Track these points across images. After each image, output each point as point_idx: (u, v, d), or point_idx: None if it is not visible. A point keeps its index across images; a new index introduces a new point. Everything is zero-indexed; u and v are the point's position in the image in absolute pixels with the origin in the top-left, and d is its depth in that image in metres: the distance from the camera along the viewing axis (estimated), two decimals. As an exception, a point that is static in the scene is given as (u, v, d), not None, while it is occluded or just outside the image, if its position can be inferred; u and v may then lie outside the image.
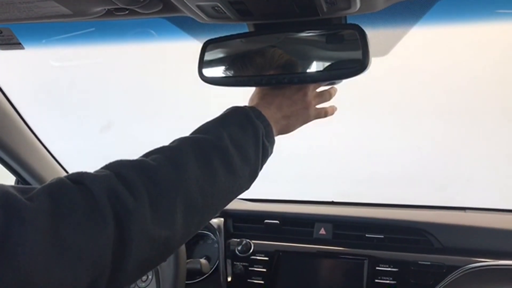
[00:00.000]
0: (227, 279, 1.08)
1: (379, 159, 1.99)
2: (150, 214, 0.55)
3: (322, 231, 1.08)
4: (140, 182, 0.56)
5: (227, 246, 1.12)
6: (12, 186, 0.49)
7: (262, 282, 1.05)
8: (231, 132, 0.67)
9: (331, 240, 1.07)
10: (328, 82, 0.77)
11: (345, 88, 0.82)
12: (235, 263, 1.09)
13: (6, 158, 1.33)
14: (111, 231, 0.51)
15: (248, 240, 1.11)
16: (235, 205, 1.27)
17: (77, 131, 2.50)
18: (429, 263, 0.97)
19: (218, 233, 1.14)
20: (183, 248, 1.03)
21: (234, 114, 0.71)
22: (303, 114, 0.80)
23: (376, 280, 0.98)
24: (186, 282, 1.02)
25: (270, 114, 0.74)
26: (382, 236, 1.04)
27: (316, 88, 0.81)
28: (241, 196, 1.41)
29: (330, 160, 2.08)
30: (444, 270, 0.95)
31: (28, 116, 1.39)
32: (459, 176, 1.83)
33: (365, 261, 1.01)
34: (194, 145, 0.63)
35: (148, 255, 0.54)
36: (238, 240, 1.12)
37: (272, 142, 0.73)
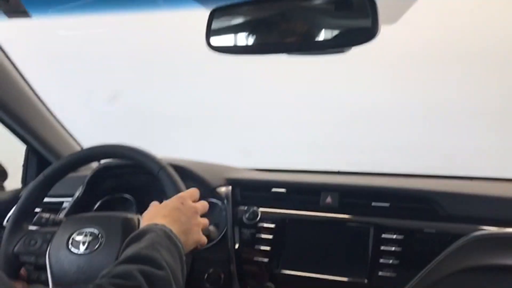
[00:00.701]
0: (234, 246, 1.10)
1: (385, 128, 1.99)
2: None
3: (329, 200, 1.09)
4: None
5: (234, 213, 1.14)
6: None
7: (268, 248, 1.07)
8: (169, 263, 0.71)
9: (338, 208, 1.08)
10: (336, 50, 0.76)
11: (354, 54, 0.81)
12: (242, 230, 1.11)
13: (17, 128, 1.35)
14: None
15: (255, 208, 1.12)
16: (242, 174, 1.28)
17: (85, 101, 2.51)
18: (434, 231, 0.98)
19: (226, 201, 1.15)
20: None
21: (160, 236, 0.76)
22: (197, 233, 0.87)
23: (382, 248, 0.99)
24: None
25: (176, 231, 0.80)
26: (388, 205, 1.05)
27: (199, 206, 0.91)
28: (248, 165, 1.43)
29: (337, 129, 2.08)
30: (449, 238, 0.96)
31: (37, 86, 1.40)
32: (467, 145, 1.83)
33: (371, 228, 1.02)
34: (149, 281, 0.65)
35: None
36: (246, 208, 1.13)
37: (184, 259, 0.78)
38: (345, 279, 1.00)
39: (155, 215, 0.85)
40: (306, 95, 2.21)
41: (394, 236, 0.99)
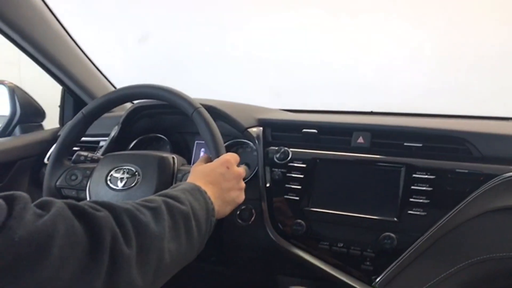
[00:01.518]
0: (266, 184, 1.12)
1: (421, 68, 1.94)
2: (135, 264, 0.58)
3: (360, 140, 1.09)
4: (133, 232, 0.59)
5: (265, 153, 1.15)
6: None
7: (299, 187, 1.09)
8: (193, 204, 0.74)
9: (369, 148, 1.08)
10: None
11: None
12: (273, 169, 1.13)
13: (55, 69, 1.38)
14: (103, 273, 0.53)
15: (286, 148, 1.13)
16: (273, 114, 1.28)
17: (118, 43, 2.52)
18: (466, 171, 0.97)
19: (257, 141, 1.17)
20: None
21: (192, 188, 0.79)
22: (237, 198, 0.90)
23: (412, 187, 1.00)
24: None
25: (211, 193, 0.82)
26: (421, 145, 1.04)
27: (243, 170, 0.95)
28: (279, 106, 1.43)
29: (370, 70, 2.04)
30: (481, 178, 0.96)
31: (70, 28, 1.42)
32: (505, 86, 1.77)
33: (402, 168, 1.02)
34: (169, 209, 0.69)
35: None
36: (277, 148, 1.14)
37: (214, 222, 0.81)
38: (374, 217, 1.01)
39: (198, 177, 0.88)
40: (336, 38, 2.16)
41: (426, 176, 0.99)
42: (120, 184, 1.01)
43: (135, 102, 1.32)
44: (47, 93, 1.52)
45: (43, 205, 0.53)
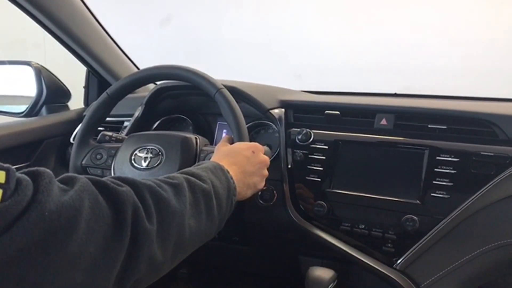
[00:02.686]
0: (287, 166, 1.12)
1: (445, 49, 1.90)
2: (156, 239, 0.59)
3: (384, 122, 1.08)
4: (154, 208, 0.60)
5: (287, 135, 1.15)
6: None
7: (321, 168, 1.09)
8: (214, 183, 0.75)
9: (392, 130, 1.07)
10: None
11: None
12: (295, 151, 1.13)
13: (80, 50, 1.40)
14: (125, 247, 0.54)
15: (308, 130, 1.13)
16: (296, 96, 1.28)
17: (139, 24, 2.53)
18: (492, 154, 0.96)
19: (279, 123, 1.17)
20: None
21: (215, 167, 0.80)
22: (258, 183, 0.91)
23: (436, 170, 0.99)
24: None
25: (234, 174, 0.83)
26: (445, 127, 1.03)
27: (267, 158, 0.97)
28: (302, 88, 1.42)
29: (394, 51, 2.01)
30: (508, 161, 0.94)
31: (95, 10, 1.43)
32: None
33: (425, 151, 1.01)
34: (190, 186, 0.70)
35: (142, 276, 0.58)
36: (299, 129, 1.14)
37: (235, 201, 0.82)
38: (396, 199, 1.01)
39: (223, 157, 0.89)
40: (359, 19, 2.13)
41: (450, 158, 0.98)
42: (144, 164, 1.03)
43: (158, 83, 1.33)
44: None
45: (67, 181, 0.54)
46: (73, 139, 1.31)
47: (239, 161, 0.88)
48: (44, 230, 0.45)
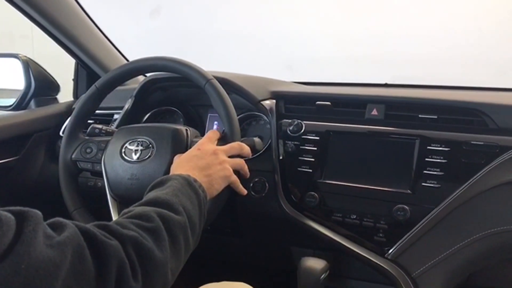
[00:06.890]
0: (279, 157, 1.12)
1: (436, 39, 1.91)
2: None
3: (374, 112, 1.08)
4: (138, 263, 0.60)
5: (279, 126, 1.15)
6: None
7: (312, 159, 1.09)
8: (187, 208, 0.73)
9: (383, 120, 1.07)
10: None
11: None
12: (286, 142, 1.12)
13: (68, 43, 1.39)
14: None
15: (299, 121, 1.13)
16: (287, 87, 1.28)
17: (128, 15, 2.51)
18: (482, 143, 0.96)
19: (270, 114, 1.16)
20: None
21: (182, 184, 0.78)
22: (222, 170, 0.91)
23: (426, 159, 0.99)
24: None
25: (198, 177, 0.83)
26: (436, 117, 1.03)
27: (224, 146, 0.95)
28: (293, 79, 1.42)
29: (385, 42, 2.01)
30: (497, 150, 0.95)
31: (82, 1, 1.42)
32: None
33: (416, 140, 1.01)
34: (166, 225, 0.67)
35: None
36: (290, 120, 1.14)
37: (207, 208, 0.82)
38: (387, 189, 1.01)
39: (178, 166, 0.90)
40: (349, 10, 2.12)
41: (440, 148, 0.98)
42: (134, 156, 1.03)
43: (148, 75, 1.32)
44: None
45: (56, 227, 0.52)
46: (63, 132, 1.30)
47: (193, 164, 0.88)
48: (19, 284, 0.43)
